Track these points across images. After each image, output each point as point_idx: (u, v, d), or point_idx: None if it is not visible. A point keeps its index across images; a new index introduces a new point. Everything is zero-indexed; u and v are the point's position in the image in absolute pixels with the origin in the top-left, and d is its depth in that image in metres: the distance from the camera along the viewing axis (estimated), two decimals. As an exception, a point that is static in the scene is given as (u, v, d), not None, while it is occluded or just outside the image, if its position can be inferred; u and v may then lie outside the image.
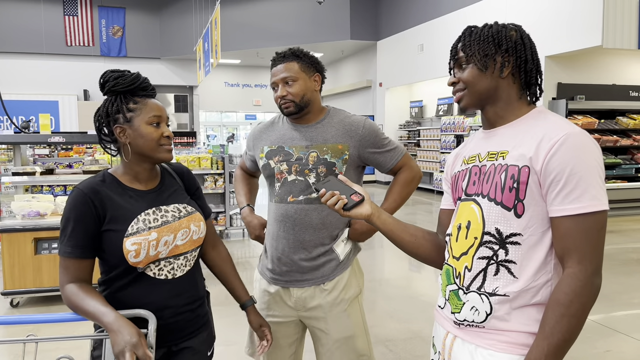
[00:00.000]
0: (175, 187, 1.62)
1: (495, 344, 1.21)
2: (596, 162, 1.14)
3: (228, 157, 7.28)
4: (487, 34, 1.26)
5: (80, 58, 16.23)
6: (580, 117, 8.99)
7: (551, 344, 1.11)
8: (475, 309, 1.23)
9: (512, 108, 1.28)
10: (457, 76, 1.30)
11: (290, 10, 14.95)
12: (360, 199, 1.38)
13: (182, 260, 1.55)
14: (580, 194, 1.11)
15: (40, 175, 4.91)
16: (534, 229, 1.18)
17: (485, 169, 1.26)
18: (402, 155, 1.96)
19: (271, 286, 1.97)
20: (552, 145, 1.14)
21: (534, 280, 1.18)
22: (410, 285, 5.35)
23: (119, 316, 1.33)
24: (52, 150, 8.30)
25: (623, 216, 8.83)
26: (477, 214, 1.25)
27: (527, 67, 1.25)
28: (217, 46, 9.78)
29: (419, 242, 1.43)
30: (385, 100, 14.61)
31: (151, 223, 1.48)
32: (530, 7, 9.10)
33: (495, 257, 1.21)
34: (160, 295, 1.50)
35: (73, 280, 1.43)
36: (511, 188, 1.18)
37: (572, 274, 1.12)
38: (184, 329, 1.55)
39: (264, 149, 1.95)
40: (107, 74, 1.50)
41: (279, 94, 1.85)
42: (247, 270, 5.75)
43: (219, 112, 21.04)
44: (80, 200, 1.43)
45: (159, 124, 1.51)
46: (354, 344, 1.91)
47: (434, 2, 12.13)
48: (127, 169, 1.53)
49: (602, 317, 4.14)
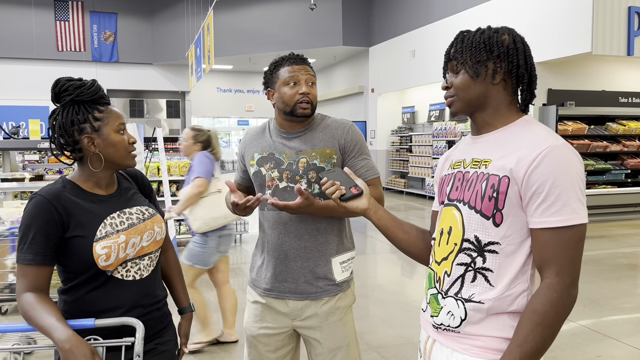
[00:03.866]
0: (133, 190, 1.64)
1: (469, 348, 1.22)
2: (577, 175, 1.14)
3: (220, 162, 7.26)
4: (478, 40, 1.25)
5: (72, 63, 16.16)
6: (570, 123, 9.06)
7: (523, 352, 1.12)
8: (452, 314, 1.25)
9: (500, 115, 1.28)
10: (450, 82, 1.31)
11: (283, 16, 14.98)
12: (359, 192, 1.42)
13: (147, 260, 1.57)
14: (560, 207, 1.12)
15: (30, 182, 4.86)
16: (511, 238, 1.19)
17: (469, 176, 1.27)
18: (378, 175, 1.94)
19: (265, 297, 1.93)
20: (534, 157, 1.15)
21: (510, 289, 1.19)
22: (403, 291, 5.34)
23: (72, 334, 1.29)
24: (42, 156, 8.24)
25: (613, 221, 8.89)
26: (457, 220, 1.27)
27: (519, 72, 1.25)
28: (210, 52, 9.78)
29: (412, 241, 1.45)
30: (378, 106, 14.65)
31: (118, 226, 1.49)
32: (521, 13, 9.17)
33: (473, 264, 1.23)
34: (130, 296, 1.50)
35: (30, 289, 1.39)
36: (490, 197, 1.20)
37: (549, 284, 1.14)
38: (152, 327, 1.56)
39: (254, 156, 1.93)
40: (65, 84, 1.47)
41: (304, 90, 1.81)
42: (239, 276, 5.71)
43: (212, 118, 21.00)
44: (42, 207, 1.41)
45: (124, 130, 1.53)
46: (347, 353, 1.90)
47: (425, 8, 12.20)
48: (89, 175, 1.52)
49: (592, 322, 4.15)
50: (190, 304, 1.81)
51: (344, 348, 1.89)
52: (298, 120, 1.87)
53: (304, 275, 1.86)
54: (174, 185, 7.01)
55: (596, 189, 9.04)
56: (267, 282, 1.91)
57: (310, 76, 1.85)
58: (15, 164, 6.33)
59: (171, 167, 6.95)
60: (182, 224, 7.12)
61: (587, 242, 7.60)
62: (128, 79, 16.77)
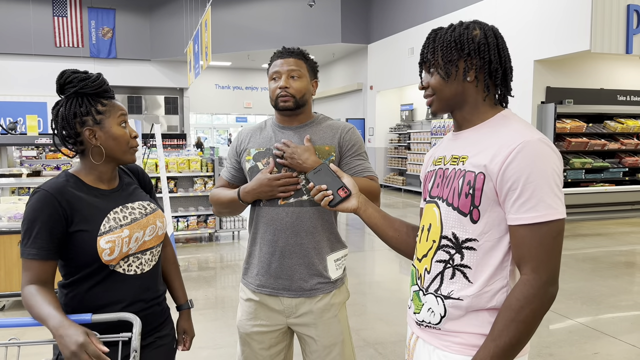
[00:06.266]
0: (134, 185, 1.65)
1: (449, 345, 1.23)
2: (553, 170, 1.13)
3: (218, 159, 7.25)
4: (449, 39, 1.24)
5: (70, 59, 16.09)
6: (568, 121, 9.06)
7: (498, 346, 1.13)
8: (432, 311, 1.26)
9: (478, 112, 1.27)
10: (426, 82, 1.31)
11: (282, 12, 14.96)
12: (347, 195, 1.41)
13: (149, 255, 1.57)
14: (535, 203, 1.11)
15: (27, 177, 4.85)
16: (489, 235, 1.19)
17: (448, 173, 1.27)
18: (375, 174, 1.93)
19: (258, 295, 1.91)
20: (508, 153, 1.14)
21: (488, 285, 1.19)
22: (400, 288, 5.35)
23: (65, 320, 1.29)
24: (40, 152, 8.22)
25: (610, 219, 8.92)
26: (437, 216, 1.27)
27: (492, 68, 1.24)
28: (208, 48, 9.75)
29: (402, 238, 1.45)
30: (376, 103, 14.65)
31: (122, 221, 1.49)
32: (519, 11, 9.17)
33: (452, 261, 1.23)
34: (131, 291, 1.51)
35: (34, 282, 1.40)
36: (467, 194, 1.19)
37: (526, 281, 1.13)
38: (152, 322, 1.57)
39: (251, 151, 1.91)
40: (70, 76, 1.47)
41: (281, 84, 1.81)
42: (237, 273, 5.72)
43: (210, 115, 20.98)
44: (46, 201, 1.41)
45: (125, 123, 1.53)
46: (342, 349, 1.90)
47: (424, 6, 12.19)
48: (91, 169, 1.52)
49: (590, 320, 4.16)
50: (189, 300, 1.81)
51: (339, 345, 1.89)
52: (286, 114, 1.87)
53: (299, 272, 1.85)
54: (172, 181, 7.00)
55: (594, 187, 9.05)
56: (261, 279, 1.89)
57: (292, 69, 1.83)
58: (13, 160, 6.30)
59: (169, 164, 6.94)
60: (179, 220, 7.13)
61: (585, 240, 7.60)
62: (126, 75, 16.73)
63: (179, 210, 7.23)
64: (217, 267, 6.07)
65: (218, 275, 5.72)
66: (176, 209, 7.22)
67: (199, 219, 7.26)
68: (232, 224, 7.43)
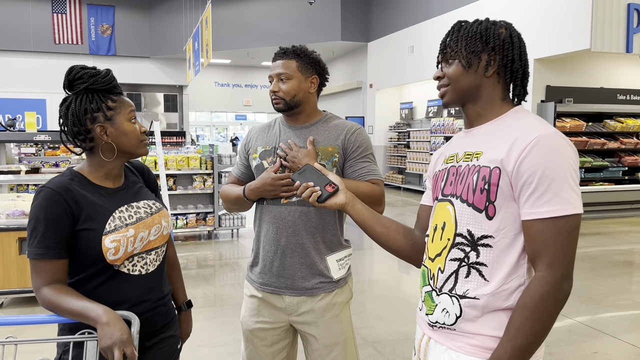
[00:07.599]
0: (139, 184, 1.63)
1: (464, 346, 1.20)
2: (569, 164, 1.11)
3: (217, 157, 7.24)
4: (475, 31, 1.24)
5: (69, 56, 16.05)
6: (568, 120, 9.06)
7: (514, 347, 1.10)
8: (446, 311, 1.22)
9: (492, 108, 1.26)
10: (443, 71, 1.29)
11: (281, 10, 14.93)
12: (335, 190, 1.41)
13: (154, 255, 1.55)
14: (551, 197, 1.10)
15: (26, 174, 4.84)
16: (505, 231, 1.16)
17: (461, 170, 1.25)
18: (380, 177, 1.91)
19: (261, 292, 1.92)
20: (524, 147, 1.12)
21: (505, 284, 1.17)
22: (400, 286, 5.35)
23: (109, 310, 1.31)
24: (39, 149, 8.21)
25: (610, 219, 8.92)
26: (451, 214, 1.25)
27: (514, 67, 1.23)
28: (209, 46, 9.73)
29: (391, 235, 1.42)
30: (376, 102, 14.64)
31: (127, 220, 1.47)
32: (520, 10, 9.16)
33: (467, 259, 1.20)
34: (135, 291, 1.49)
35: (48, 282, 1.38)
36: (482, 189, 1.17)
37: (540, 277, 1.11)
38: (157, 323, 1.56)
39: (257, 149, 1.94)
40: (79, 72, 1.46)
41: (271, 89, 1.88)
42: (236, 271, 5.71)
43: (209, 112, 20.96)
44: (53, 199, 1.38)
45: (135, 118, 1.53)
46: (344, 349, 1.89)
47: (424, 4, 12.17)
48: (99, 166, 1.51)
49: (589, 319, 4.16)
50: (189, 300, 1.79)
51: (340, 344, 1.88)
52: (287, 114, 1.91)
53: (301, 271, 1.85)
54: (171, 179, 6.99)
55: (593, 186, 9.05)
56: (264, 277, 1.90)
57: (280, 72, 1.86)
58: (11, 157, 6.30)
59: (168, 161, 6.93)
60: (178, 217, 7.12)
61: (584, 239, 7.61)
62: (125, 73, 16.67)
63: (178, 208, 7.22)
64: (216, 265, 6.06)
65: (217, 273, 5.71)
66: (175, 207, 7.21)
67: (198, 217, 7.26)
68: (231, 221, 7.43)
